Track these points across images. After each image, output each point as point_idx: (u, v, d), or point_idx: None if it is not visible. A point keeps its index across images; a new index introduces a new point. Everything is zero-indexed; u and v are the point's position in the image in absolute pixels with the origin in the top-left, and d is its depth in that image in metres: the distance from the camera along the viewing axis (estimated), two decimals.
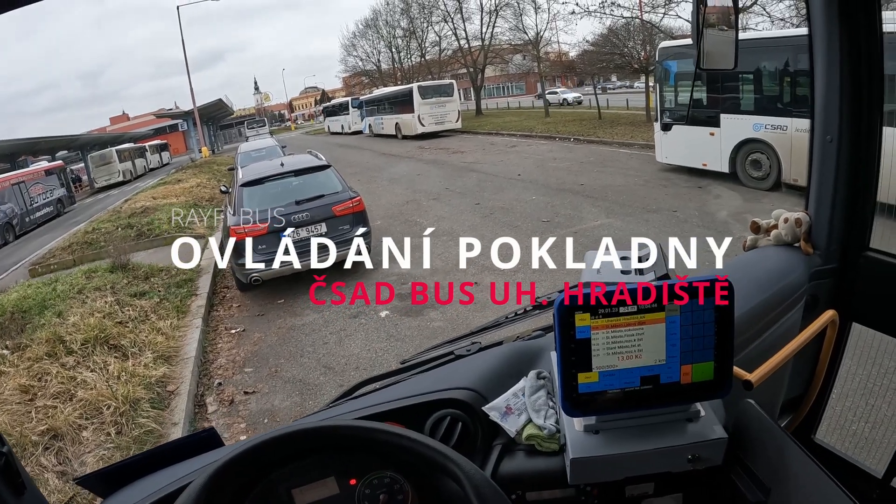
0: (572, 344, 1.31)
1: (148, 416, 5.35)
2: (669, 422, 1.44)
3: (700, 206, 11.58)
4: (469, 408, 1.61)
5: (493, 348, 1.94)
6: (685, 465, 1.40)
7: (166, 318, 7.88)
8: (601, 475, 1.45)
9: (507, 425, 1.56)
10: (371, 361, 6.47)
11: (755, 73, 12.34)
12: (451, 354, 1.99)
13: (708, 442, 1.40)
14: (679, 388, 1.37)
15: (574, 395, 1.35)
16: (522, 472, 1.53)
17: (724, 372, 1.36)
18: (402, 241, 10.84)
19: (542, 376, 1.63)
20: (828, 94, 2.16)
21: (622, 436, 1.42)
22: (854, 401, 3.08)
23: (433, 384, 1.70)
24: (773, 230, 2.43)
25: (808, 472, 1.33)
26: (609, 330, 1.31)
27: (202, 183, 22.52)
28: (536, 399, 1.59)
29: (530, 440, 1.53)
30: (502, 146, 25.45)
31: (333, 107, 53.43)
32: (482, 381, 1.69)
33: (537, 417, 1.55)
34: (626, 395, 1.36)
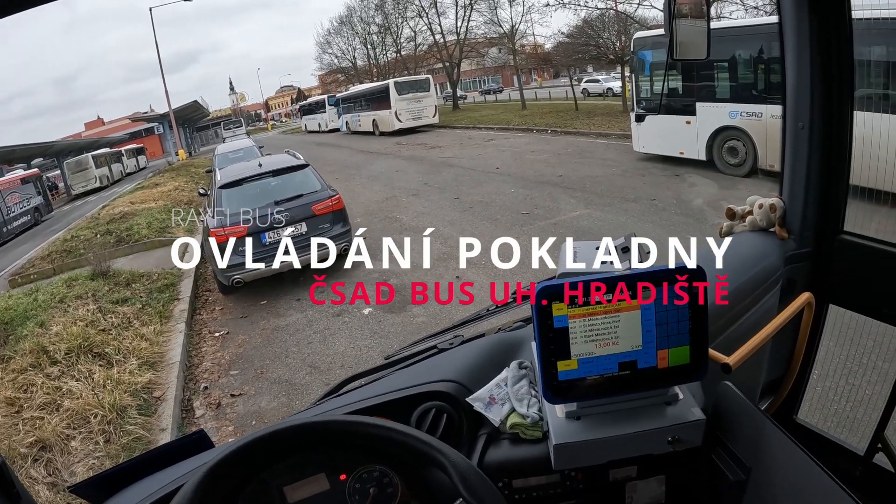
0: (550, 333, 1.35)
1: (135, 423, 5.34)
2: (649, 406, 1.47)
3: (678, 194, 11.68)
4: (453, 399, 1.63)
5: (475, 340, 1.97)
6: (665, 446, 1.43)
7: (149, 323, 7.85)
8: (584, 460, 1.48)
9: (492, 415, 1.59)
10: (356, 359, 6.49)
11: (730, 61, 12.46)
12: (435, 348, 2.01)
13: (686, 424, 1.43)
14: (656, 373, 1.40)
15: (554, 382, 1.38)
16: (508, 460, 1.55)
17: (700, 355, 1.40)
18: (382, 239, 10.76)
19: (523, 366, 1.67)
20: (799, 81, 2.19)
21: (603, 421, 1.45)
22: (835, 381, 3.12)
23: (417, 378, 1.73)
24: (749, 216, 2.47)
25: (786, 450, 1.36)
26: (586, 318, 1.34)
27: (180, 186, 22.37)
28: (519, 388, 1.61)
29: (514, 428, 1.56)
30: (480, 140, 25.42)
31: (310, 105, 53.07)
32: (465, 372, 1.72)
33: (520, 406, 1.57)
34: (605, 381, 1.40)
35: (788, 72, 2.23)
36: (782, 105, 2.31)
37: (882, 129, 2.80)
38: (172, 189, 21.40)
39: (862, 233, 2.31)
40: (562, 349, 1.36)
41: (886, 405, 2.33)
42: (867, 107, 2.58)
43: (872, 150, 2.60)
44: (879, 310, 2.27)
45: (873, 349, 2.70)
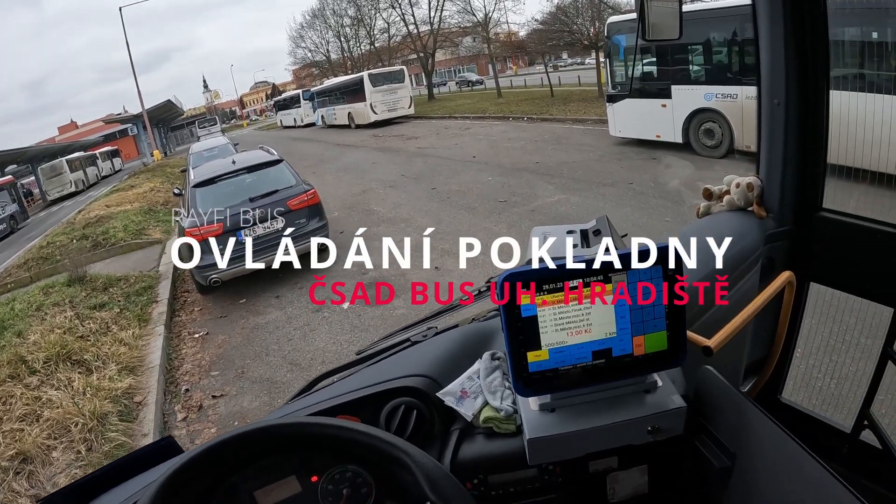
0: (518, 323, 1.29)
1: (117, 430, 5.28)
2: (626, 394, 1.42)
3: (655, 177, 11.71)
4: (423, 395, 1.60)
5: (448, 332, 1.93)
6: (645, 436, 1.39)
7: (128, 327, 7.75)
8: (560, 453, 1.43)
9: (464, 409, 1.55)
10: (337, 354, 6.46)
11: (704, 44, 12.50)
12: (408, 341, 1.97)
13: (667, 412, 1.39)
14: (633, 360, 1.36)
15: (525, 374, 1.33)
16: (482, 456, 1.52)
17: (678, 340, 1.35)
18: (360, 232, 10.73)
19: (496, 357, 1.62)
20: (773, 57, 2.18)
21: (579, 412, 1.40)
22: (818, 358, 3.12)
23: (387, 373, 1.69)
24: (726, 196, 2.46)
25: (771, 434, 1.33)
26: (555, 306, 1.29)
27: (156, 187, 22.17)
28: (492, 381, 1.57)
29: (488, 423, 1.52)
30: (456, 129, 25.42)
31: (285, 100, 52.78)
32: (436, 366, 1.69)
33: (493, 399, 1.54)
34: (578, 371, 1.35)
35: (762, 48, 2.22)
36: (757, 83, 2.30)
37: (859, 107, 2.81)
38: (148, 190, 21.19)
39: (842, 209, 2.30)
40: (531, 339, 1.31)
41: (871, 382, 2.34)
42: (844, 86, 2.58)
43: (850, 128, 2.60)
44: (860, 286, 2.27)
45: (856, 325, 2.70)
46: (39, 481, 4.72)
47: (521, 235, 8.95)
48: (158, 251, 12.20)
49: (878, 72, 4.51)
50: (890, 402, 2.62)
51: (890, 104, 3.50)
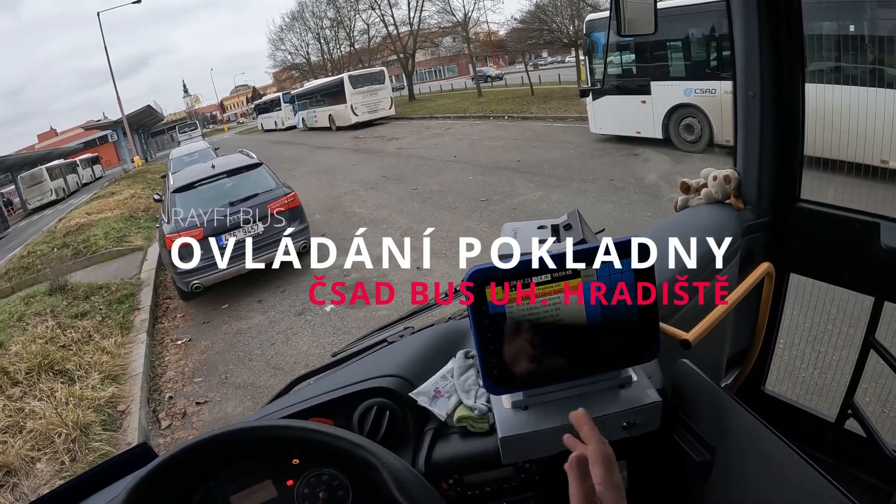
0: (486, 320, 1.25)
1: (101, 440, 5.24)
2: (600, 390, 1.40)
3: (636, 172, 11.79)
4: (396, 395, 1.58)
5: (424, 331, 1.91)
6: (621, 432, 1.35)
7: (110, 336, 7.70)
8: (533, 451, 1.39)
9: (437, 409, 1.53)
10: (320, 357, 6.43)
11: (683, 39, 12.57)
12: (384, 342, 1.96)
13: (642, 407, 1.36)
14: (605, 357, 1.33)
15: (495, 372, 1.29)
16: (458, 456, 1.50)
17: (651, 334, 1.32)
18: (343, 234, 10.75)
19: (470, 355, 1.61)
20: (748, 50, 2.20)
21: (552, 409, 1.37)
22: (801, 349, 3.16)
23: (361, 374, 1.67)
24: (703, 189, 2.48)
25: (749, 427, 1.30)
26: (524, 303, 1.25)
27: (136, 193, 21.99)
28: (466, 379, 1.56)
29: (462, 422, 1.51)
30: (437, 129, 25.41)
31: (265, 104, 52.51)
32: (409, 365, 1.67)
33: (467, 398, 1.53)
34: (549, 368, 1.31)
35: (737, 41, 2.24)
36: (732, 75, 2.32)
37: (835, 99, 2.85)
38: (129, 197, 21.02)
39: (819, 200, 2.32)
40: (500, 337, 1.27)
41: (854, 371, 2.35)
42: (819, 79, 2.62)
43: (826, 120, 2.64)
44: (840, 276, 2.29)
45: (837, 315, 2.73)
46: (24, 493, 4.68)
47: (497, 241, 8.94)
48: (140, 258, 12.12)
49: (852, 64, 4.57)
50: (873, 391, 2.68)
51: (865, 96, 3.56)
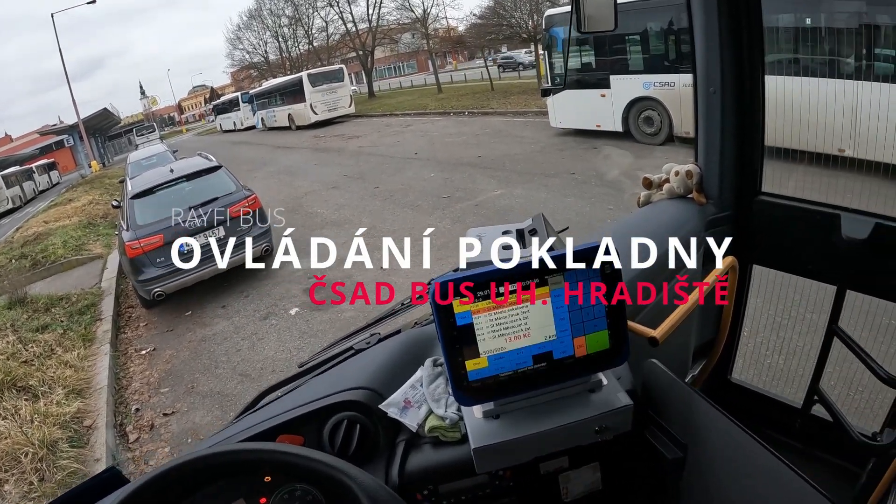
0: (454, 332, 1.25)
1: (69, 457, 5.10)
2: (571, 396, 1.40)
3: (597, 166, 11.89)
4: (366, 408, 1.56)
5: (392, 338, 1.89)
6: (593, 436, 1.37)
7: (73, 349, 7.53)
8: (507, 460, 1.41)
9: (408, 420, 1.52)
10: (287, 362, 6.42)
11: (641, 33, 12.73)
12: (351, 350, 1.91)
13: (613, 411, 1.36)
14: (575, 362, 1.33)
15: (465, 383, 1.29)
16: (431, 466, 1.49)
17: (620, 339, 1.33)
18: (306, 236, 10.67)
19: (438, 363, 1.60)
20: (708, 47, 2.22)
21: (523, 417, 1.38)
22: (765, 336, 3.22)
23: (330, 386, 1.64)
24: (665, 184, 2.50)
25: (719, 423, 1.33)
26: (492, 312, 1.25)
27: (95, 199, 21.52)
28: (435, 388, 1.55)
29: (433, 432, 1.50)
30: (398, 126, 25.42)
31: (223, 104, 51.84)
32: (377, 376, 1.65)
33: (438, 407, 1.52)
34: (520, 377, 1.31)
35: (697, 38, 2.26)
36: (692, 71, 2.35)
37: (794, 91, 2.91)
38: (87, 203, 20.58)
39: (780, 193, 2.37)
40: (469, 347, 1.27)
41: (818, 359, 2.41)
42: (778, 70, 2.66)
43: (787, 111, 2.69)
44: (802, 266, 2.35)
45: (800, 302, 2.77)
46: None
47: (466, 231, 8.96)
48: (100, 266, 11.90)
49: (809, 56, 4.66)
50: (838, 376, 2.73)
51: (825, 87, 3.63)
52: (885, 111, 3.74)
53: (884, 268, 2.12)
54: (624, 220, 2.59)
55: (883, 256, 2.09)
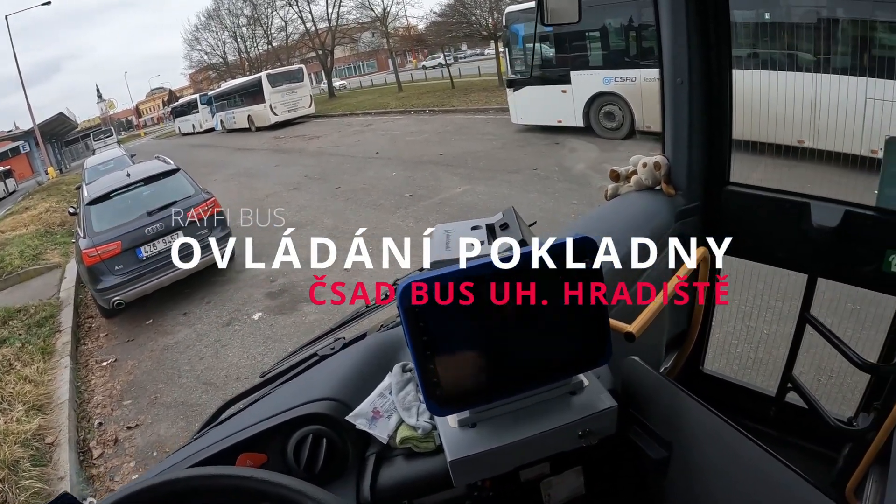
0: (424, 337, 1.16)
1: (31, 477, 4.95)
2: (552, 399, 1.34)
3: (559, 161, 12.01)
4: (332, 420, 1.47)
5: (357, 343, 1.81)
6: (577, 442, 1.31)
7: (32, 363, 7.32)
8: (487, 471, 1.34)
9: (377, 432, 1.44)
10: (251, 368, 6.34)
11: (601, 29, 12.85)
12: (315, 356, 1.82)
13: (597, 414, 1.31)
14: (552, 365, 1.27)
15: (438, 391, 1.21)
16: (405, 480, 1.41)
17: (601, 338, 1.26)
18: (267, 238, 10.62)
19: (407, 368, 1.54)
20: (675, 37, 2.22)
21: (502, 424, 1.31)
22: (734, 325, 3.26)
23: (293, 397, 1.54)
24: (633, 176, 2.50)
25: (704, 419, 1.29)
26: (464, 314, 1.16)
27: (52, 207, 21.13)
28: (405, 395, 1.48)
29: (405, 443, 1.43)
30: (358, 126, 25.40)
31: (182, 106, 51.12)
32: (344, 385, 1.56)
33: (409, 417, 1.44)
34: (496, 382, 1.24)
35: (664, 27, 2.26)
36: (659, 62, 2.34)
37: (754, 84, 2.94)
38: (44, 211, 20.19)
39: (748, 182, 2.38)
40: (440, 353, 1.18)
41: (791, 347, 2.42)
42: (738, 64, 2.67)
43: (747, 104, 2.71)
44: (772, 255, 2.37)
45: (766, 290, 2.85)
46: None
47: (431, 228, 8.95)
48: (58, 276, 11.66)
49: (771, 50, 4.73)
50: (811, 363, 2.77)
51: (785, 80, 3.68)
52: (843, 103, 3.80)
53: (854, 254, 2.14)
54: (592, 214, 2.57)
55: (853, 243, 2.11)
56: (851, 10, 5.37)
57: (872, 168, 2.75)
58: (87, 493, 4.98)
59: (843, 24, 5.56)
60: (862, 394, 2.39)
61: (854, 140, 3.37)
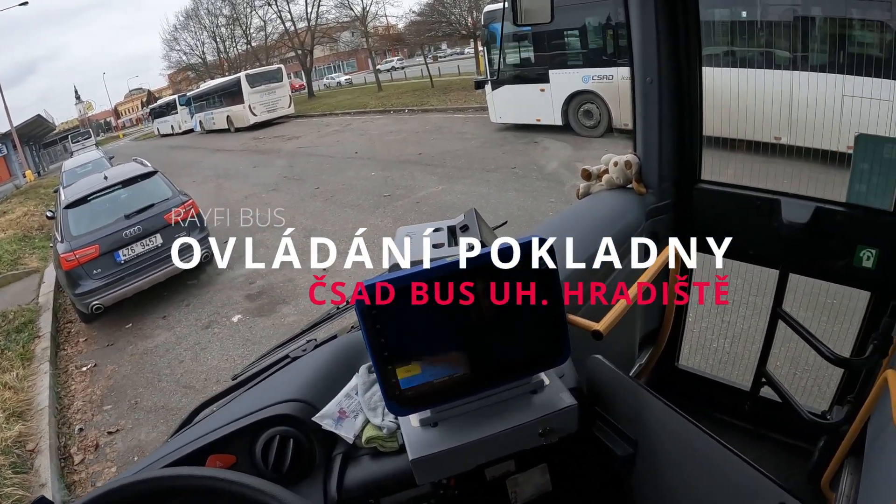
0: (382, 338, 1.18)
1: (12, 484, 4.92)
2: (512, 398, 1.36)
3: (537, 160, 12.06)
4: (298, 421, 1.49)
5: (327, 344, 1.84)
6: (538, 439, 1.33)
7: (11, 369, 7.29)
8: (449, 469, 1.36)
9: (343, 432, 1.48)
10: (231, 371, 6.19)
11: (580, 28, 12.89)
12: (287, 358, 1.86)
13: (557, 412, 1.33)
14: (512, 364, 1.29)
15: (397, 392, 1.23)
16: (371, 479, 1.44)
17: (560, 336, 1.29)
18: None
19: (373, 370, 1.43)
20: (644, 36, 2.26)
21: (463, 423, 1.33)
22: (710, 321, 3.32)
23: (262, 399, 1.58)
24: (605, 175, 2.55)
25: (666, 416, 1.33)
26: (422, 315, 1.19)
27: (30, 211, 20.84)
28: (371, 396, 1.51)
29: (371, 443, 1.46)
30: (337, 126, 25.31)
31: (161, 107, 50.44)
32: (311, 386, 1.59)
33: (374, 417, 1.48)
34: (455, 382, 1.26)
35: (633, 27, 2.29)
36: (629, 62, 2.38)
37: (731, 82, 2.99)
38: (22, 215, 19.93)
39: (718, 180, 2.43)
40: (399, 353, 1.21)
41: (764, 342, 2.47)
42: (716, 62, 2.74)
43: (724, 102, 2.76)
44: (744, 252, 2.41)
45: (742, 286, 2.91)
46: None
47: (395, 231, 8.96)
48: (37, 281, 11.55)
49: (745, 48, 4.80)
50: (784, 357, 2.85)
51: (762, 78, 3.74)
52: (819, 100, 3.85)
53: (825, 250, 2.18)
54: (564, 213, 2.57)
55: (823, 239, 2.16)
56: (828, 8, 5.45)
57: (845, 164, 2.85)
58: (69, 500, 4.99)
59: (819, 21, 5.64)
60: (836, 387, 2.44)
61: (831, 137, 3.41)
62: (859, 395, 2.19)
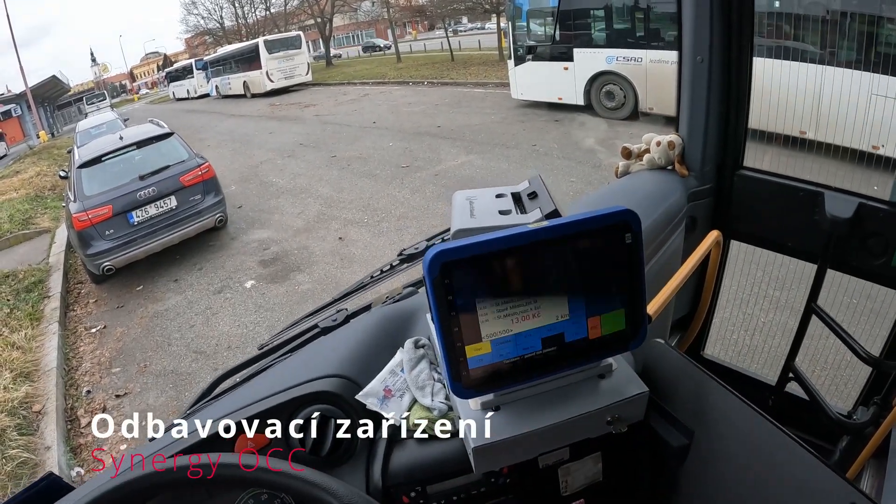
0: (453, 312, 1.05)
1: (18, 446, 4.86)
2: (580, 383, 1.24)
3: (558, 138, 11.91)
4: (340, 399, 1.38)
5: (361, 315, 1.73)
6: (605, 428, 1.22)
7: (19, 329, 7.23)
8: (511, 458, 1.23)
9: (389, 412, 1.36)
10: (243, 338, 6.29)
11: (605, 8, 12.73)
12: (316, 328, 1.76)
13: (627, 400, 1.22)
14: (587, 345, 1.15)
15: (464, 373, 1.10)
16: (418, 464, 1.33)
17: (637, 318, 1.17)
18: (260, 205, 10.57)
19: (420, 344, 1.44)
20: (698, 14, 2.17)
21: (528, 409, 1.21)
22: (731, 311, 3.23)
23: (297, 373, 1.45)
24: (646, 154, 2.46)
25: (731, 406, 1.25)
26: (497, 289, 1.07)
27: (43, 171, 20.95)
28: (418, 374, 1.39)
29: (419, 425, 1.34)
30: (355, 95, 25.12)
31: (177, 71, 50.64)
32: (351, 361, 1.46)
33: (423, 396, 1.36)
34: (526, 363, 1.13)
35: (686, 5, 2.20)
36: (678, 39, 2.29)
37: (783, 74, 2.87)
38: (34, 175, 20.02)
39: (760, 167, 2.35)
40: (470, 331, 1.08)
41: (795, 336, 2.39)
42: (767, 53, 2.63)
43: (773, 94, 2.65)
44: (782, 244, 2.33)
45: (763, 279, 2.81)
46: None
47: (425, 201, 8.98)
48: (48, 241, 11.53)
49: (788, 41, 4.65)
50: (813, 355, 2.75)
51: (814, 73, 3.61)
52: (846, 97, 3.77)
53: (864, 248, 2.12)
54: (603, 191, 2.50)
55: (864, 236, 2.10)
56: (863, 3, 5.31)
57: (871, 164, 2.80)
58: (73, 463, 4.90)
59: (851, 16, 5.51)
60: (861, 388, 2.38)
61: (855, 135, 3.31)
62: (886, 398, 2.18)
